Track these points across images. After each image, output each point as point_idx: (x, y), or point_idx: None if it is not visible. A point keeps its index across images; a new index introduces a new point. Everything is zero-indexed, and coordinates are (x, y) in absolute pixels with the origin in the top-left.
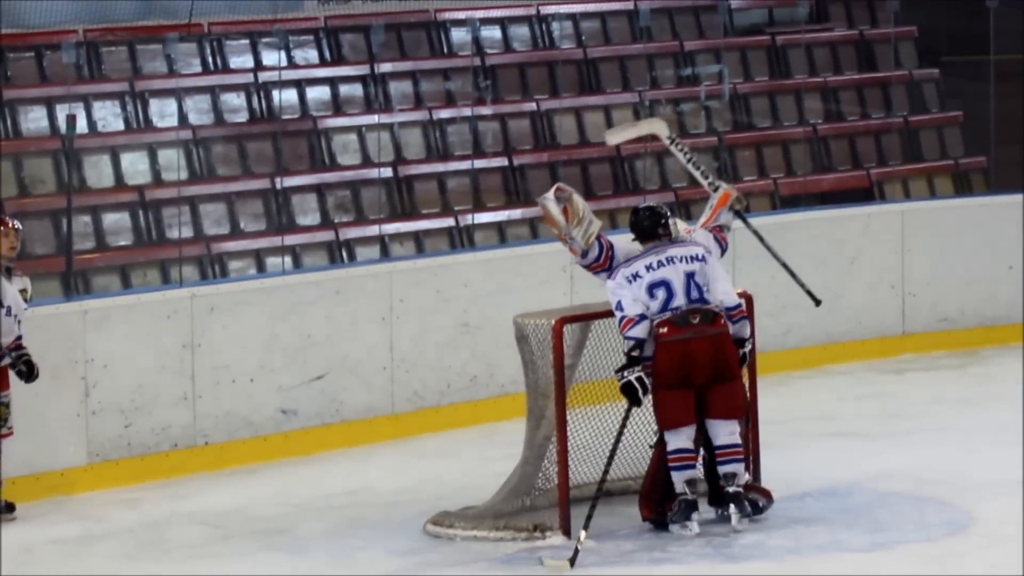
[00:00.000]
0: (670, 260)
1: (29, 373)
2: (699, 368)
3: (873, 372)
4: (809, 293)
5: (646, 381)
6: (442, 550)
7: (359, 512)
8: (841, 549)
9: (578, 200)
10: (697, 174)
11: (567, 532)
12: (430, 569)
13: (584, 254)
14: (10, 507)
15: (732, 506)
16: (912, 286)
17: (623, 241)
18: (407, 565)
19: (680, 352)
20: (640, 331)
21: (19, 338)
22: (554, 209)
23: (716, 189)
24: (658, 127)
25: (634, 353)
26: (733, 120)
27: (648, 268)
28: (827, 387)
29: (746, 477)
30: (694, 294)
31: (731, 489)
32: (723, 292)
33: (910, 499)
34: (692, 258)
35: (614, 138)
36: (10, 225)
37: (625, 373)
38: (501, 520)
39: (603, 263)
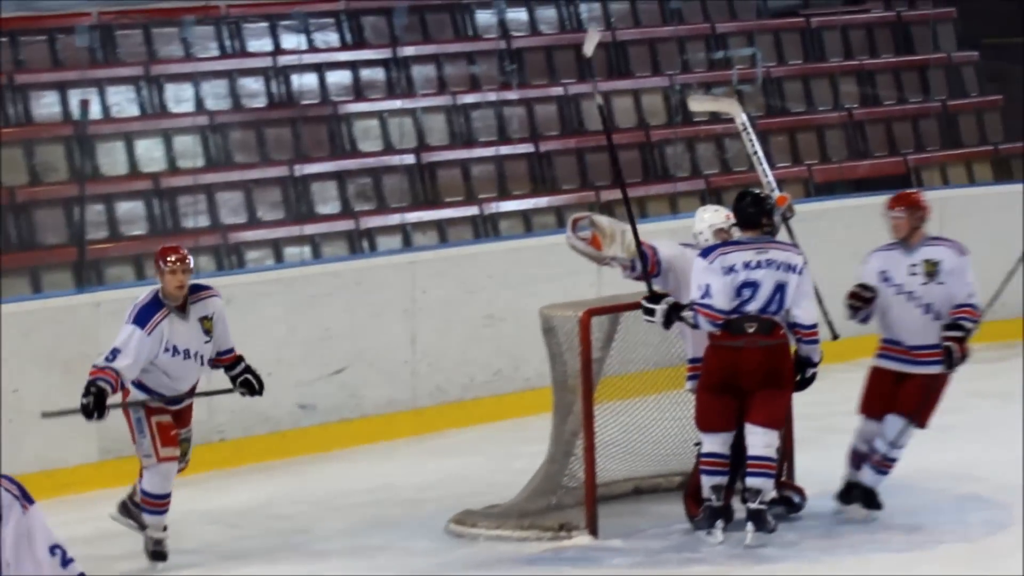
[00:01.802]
0: (769, 263)
1: (253, 389)
2: (746, 377)
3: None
4: (830, 325)
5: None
6: (465, 550)
7: (379, 511)
8: (877, 549)
9: (600, 219)
10: (761, 168)
11: (594, 531)
12: (452, 570)
13: (632, 267)
14: (159, 555)
15: (750, 523)
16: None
17: (663, 244)
18: (428, 566)
19: (729, 358)
20: (705, 324)
21: (230, 357)
22: (580, 245)
23: (774, 190)
24: (736, 109)
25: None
26: (766, 105)
27: (746, 265)
28: (846, 382)
29: (772, 495)
30: (773, 307)
31: (753, 505)
32: (804, 310)
33: (949, 497)
34: (790, 268)
35: (696, 105)
36: (178, 261)
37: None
38: (526, 519)
39: (652, 270)
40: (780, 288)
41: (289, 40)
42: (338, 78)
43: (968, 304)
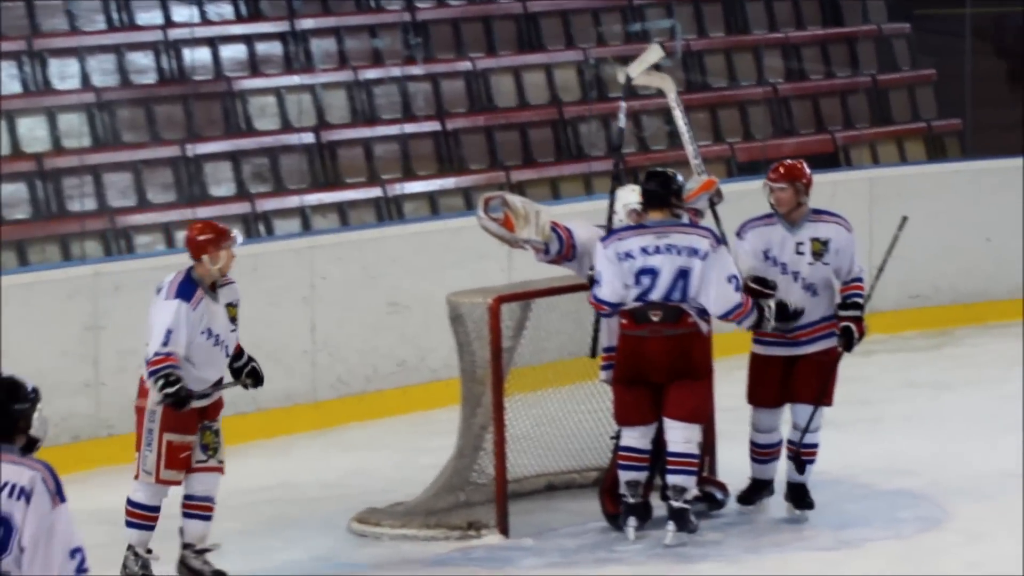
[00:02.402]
0: (670, 248)
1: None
2: (654, 368)
3: None
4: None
5: None
6: (368, 551)
7: (277, 510)
8: (804, 548)
9: (513, 199)
10: (691, 148)
11: (504, 530)
12: (355, 571)
13: (546, 250)
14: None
15: (671, 523)
16: (880, 259)
17: (579, 224)
18: (330, 567)
19: (634, 348)
20: (608, 315)
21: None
22: (492, 226)
23: (702, 173)
24: (668, 85)
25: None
26: (686, 80)
27: (644, 251)
28: None
29: (694, 492)
30: (676, 295)
31: (675, 504)
32: (715, 298)
33: (880, 493)
34: (693, 252)
35: (633, 71)
36: (230, 239)
37: None
38: (433, 518)
39: (567, 253)
40: (683, 274)
41: (180, 12)
42: (233, 53)
43: (857, 279)
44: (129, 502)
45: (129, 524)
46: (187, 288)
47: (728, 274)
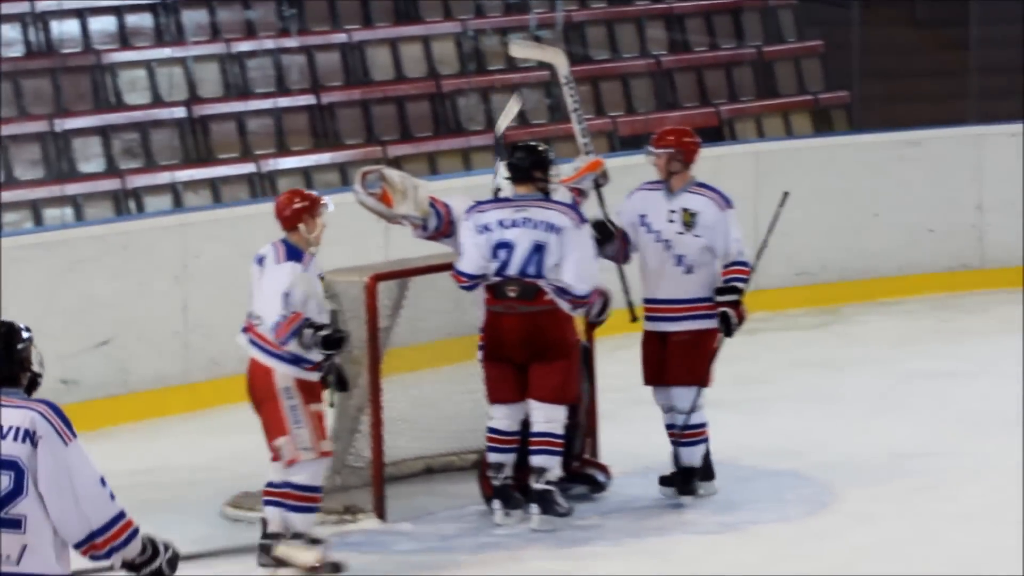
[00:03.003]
0: (525, 221)
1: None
2: (510, 346)
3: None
4: (630, 306)
5: None
6: (242, 535)
7: (149, 494)
8: (687, 531)
9: (391, 174)
10: (579, 128)
11: (381, 514)
12: (228, 557)
13: (424, 226)
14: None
15: (533, 505)
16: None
17: (458, 200)
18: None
19: (493, 324)
20: (468, 288)
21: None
22: (370, 201)
23: (589, 152)
24: (560, 61)
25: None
26: (567, 52)
27: (500, 223)
28: None
29: (557, 474)
30: (531, 269)
31: (538, 485)
32: (572, 276)
33: (765, 474)
34: (550, 227)
35: (517, 50)
36: (323, 206)
37: None
38: None
39: (445, 230)
40: (538, 249)
41: None
42: (101, 25)
43: (738, 262)
44: (295, 487)
45: (296, 509)
46: (295, 251)
47: (592, 253)
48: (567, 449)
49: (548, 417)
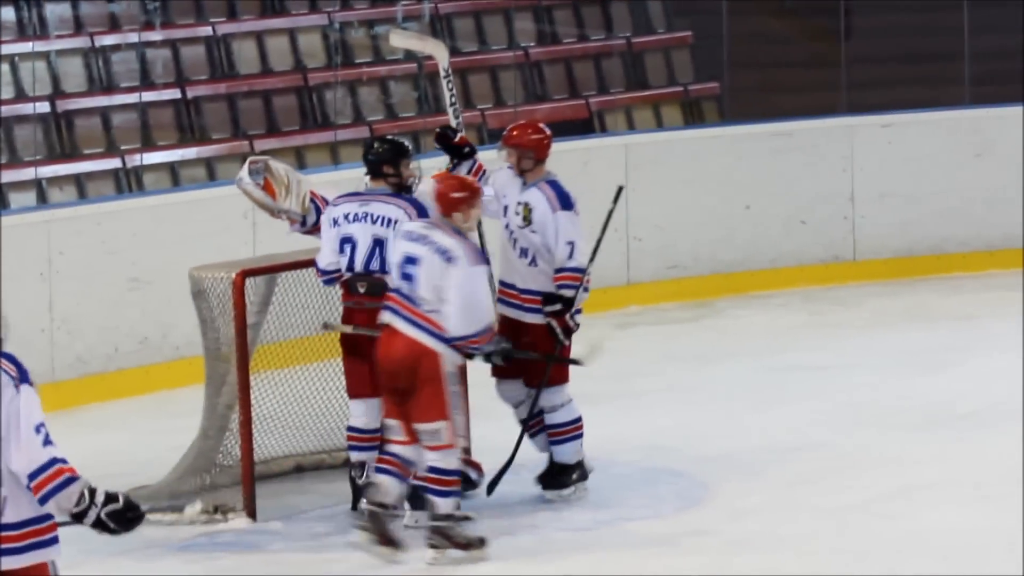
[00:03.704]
0: (366, 216)
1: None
2: (362, 342)
3: (594, 327)
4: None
5: None
6: (109, 536)
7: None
8: (559, 527)
9: (276, 166)
10: (455, 122)
11: (252, 514)
12: (95, 558)
13: (303, 221)
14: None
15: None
16: (637, 229)
17: (333, 193)
18: (68, 553)
19: (345, 320)
20: (325, 282)
21: None
22: (256, 192)
23: (471, 154)
24: (441, 53)
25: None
26: None
27: (346, 217)
28: None
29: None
30: (374, 264)
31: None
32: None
33: (638, 470)
34: (388, 221)
35: (397, 40)
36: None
37: None
38: (177, 501)
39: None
40: (379, 244)
41: None
42: None
43: (567, 268)
44: (439, 471)
45: (443, 493)
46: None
47: None
48: None
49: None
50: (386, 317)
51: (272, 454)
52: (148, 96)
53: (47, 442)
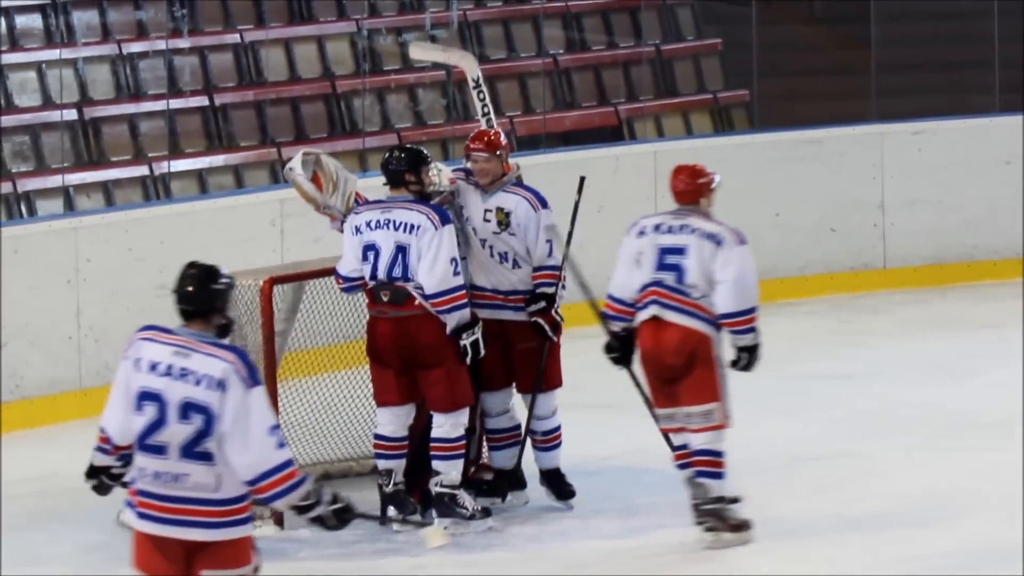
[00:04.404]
0: (388, 223)
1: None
2: (384, 350)
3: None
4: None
5: None
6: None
7: (43, 502)
8: (589, 536)
9: (328, 161)
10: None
11: (279, 521)
12: (125, 566)
13: (343, 220)
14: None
15: (431, 510)
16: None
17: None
18: (97, 560)
19: (370, 328)
20: (345, 290)
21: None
22: (306, 184)
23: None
24: (469, 64)
25: None
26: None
27: (368, 225)
28: (571, 353)
29: (454, 477)
30: (396, 271)
31: (435, 489)
32: (425, 274)
33: (668, 478)
34: (411, 228)
35: (418, 52)
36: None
37: None
38: None
39: None
40: (401, 250)
41: None
42: None
43: (547, 267)
44: (713, 453)
45: (718, 475)
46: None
47: (448, 256)
48: (464, 453)
49: (439, 423)
50: (653, 311)
51: (300, 462)
52: (176, 103)
53: (281, 444)
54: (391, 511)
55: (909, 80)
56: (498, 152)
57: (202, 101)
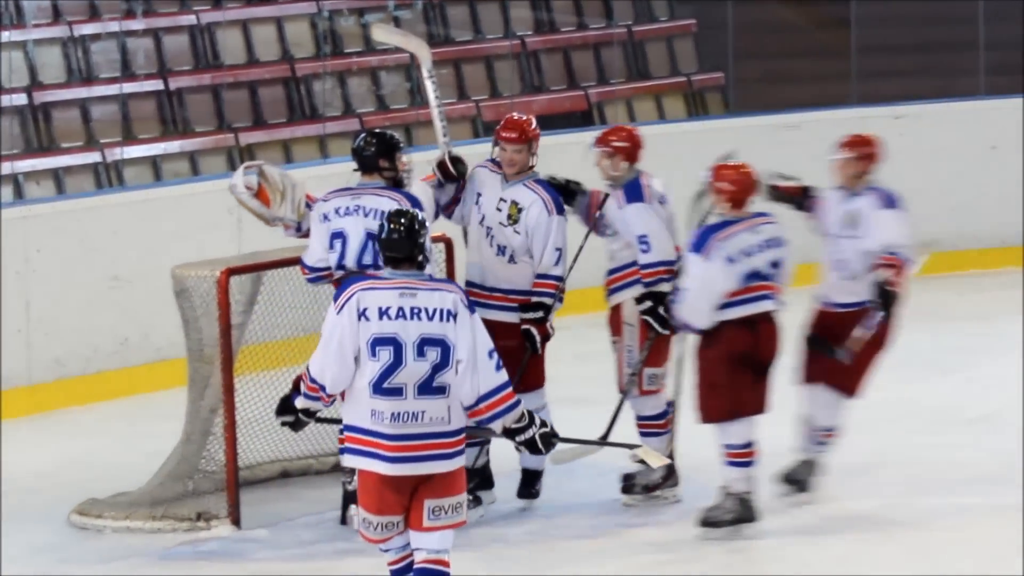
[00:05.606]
0: (357, 210)
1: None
2: None
3: (594, 328)
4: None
5: None
6: (90, 544)
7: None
8: (557, 536)
9: (270, 171)
10: (440, 125)
11: (236, 521)
12: (75, 567)
13: (298, 226)
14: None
15: None
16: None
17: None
18: (48, 562)
19: None
20: (312, 280)
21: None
22: (251, 202)
23: (449, 151)
24: (424, 53)
25: None
26: (428, 33)
27: (337, 211)
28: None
29: None
30: (367, 258)
31: None
32: None
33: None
34: (381, 215)
35: (380, 34)
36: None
37: None
38: (159, 508)
39: None
40: (371, 238)
41: None
42: None
43: (550, 276)
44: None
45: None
46: None
47: None
48: None
49: None
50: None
51: (257, 459)
52: (129, 87)
53: (499, 366)
54: (352, 509)
55: (891, 62)
56: (530, 143)
57: (157, 85)
